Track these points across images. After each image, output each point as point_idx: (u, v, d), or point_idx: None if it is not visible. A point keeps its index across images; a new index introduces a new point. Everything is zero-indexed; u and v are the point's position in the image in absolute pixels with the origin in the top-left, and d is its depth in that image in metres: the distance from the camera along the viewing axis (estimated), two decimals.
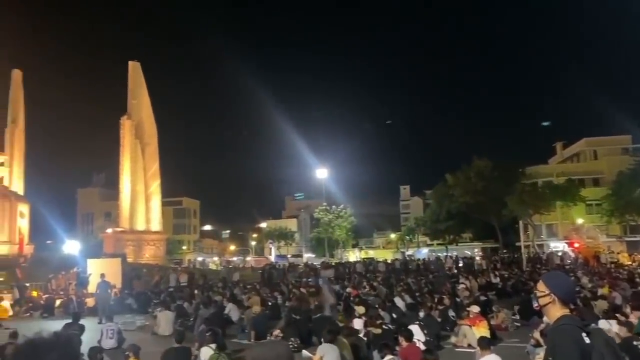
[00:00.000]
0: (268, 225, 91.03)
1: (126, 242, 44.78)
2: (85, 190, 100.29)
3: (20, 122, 49.03)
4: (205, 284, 27.51)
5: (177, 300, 19.12)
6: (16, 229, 41.60)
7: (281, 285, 25.76)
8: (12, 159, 46.21)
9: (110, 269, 27.01)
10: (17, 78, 49.04)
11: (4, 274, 29.26)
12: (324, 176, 64.02)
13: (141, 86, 49.01)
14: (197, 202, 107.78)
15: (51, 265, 33.63)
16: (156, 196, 48.78)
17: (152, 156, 48.76)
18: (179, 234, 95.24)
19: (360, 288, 21.85)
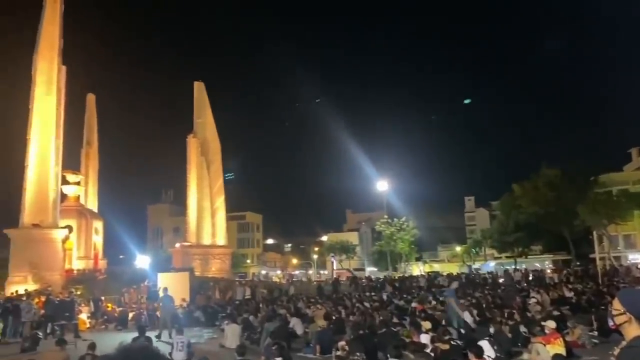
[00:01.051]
0: (329, 238, 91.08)
1: (193, 256, 46.13)
2: (154, 207, 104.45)
3: (94, 143, 51.90)
4: (270, 298, 27.80)
5: (243, 314, 19.41)
6: (91, 244, 43.78)
7: (344, 299, 25.62)
8: (87, 178, 48.89)
9: (178, 283, 27.93)
10: (91, 102, 52.04)
11: (81, 288, 30.78)
12: (385, 188, 63.46)
13: (205, 105, 50.78)
14: (260, 217, 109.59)
15: (124, 279, 35.13)
16: (221, 211, 50.10)
17: (216, 172, 50.25)
18: (243, 248, 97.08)
19: (426, 303, 21.36)
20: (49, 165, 33.42)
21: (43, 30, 34.66)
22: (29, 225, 32.29)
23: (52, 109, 34.01)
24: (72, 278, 35.08)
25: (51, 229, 32.77)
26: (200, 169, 49.13)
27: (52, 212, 33.13)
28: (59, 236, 33.12)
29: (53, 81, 34.35)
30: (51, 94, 34.15)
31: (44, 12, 34.97)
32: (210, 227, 49.02)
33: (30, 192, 32.74)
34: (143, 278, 32.64)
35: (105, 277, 38.54)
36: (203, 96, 51.09)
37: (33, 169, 33.05)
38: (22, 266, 31.04)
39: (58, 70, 34.78)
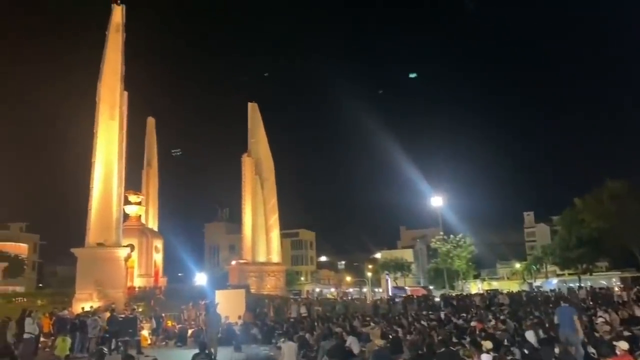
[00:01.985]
0: (383, 255, 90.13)
1: (249, 273, 46.83)
2: (211, 225, 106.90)
3: (154, 164, 53.90)
4: (325, 316, 27.72)
5: (299, 332, 19.44)
6: (152, 262, 45.19)
7: (401, 318, 25.21)
8: (147, 198, 50.73)
9: (235, 300, 28.40)
10: (151, 125, 54.21)
11: (143, 305, 31.78)
12: (439, 204, 62.34)
13: (259, 125, 51.94)
14: (313, 234, 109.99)
15: (183, 296, 35.97)
16: (275, 228, 50.76)
17: (270, 190, 51.07)
18: (297, 266, 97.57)
19: (486, 321, 20.70)
20: (112, 186, 34.90)
21: (106, 59, 36.53)
22: (94, 245, 33.69)
23: (115, 132, 35.63)
24: (134, 295, 36.28)
25: (114, 248, 34.05)
26: (255, 187, 50.08)
27: (115, 231, 34.47)
28: (122, 255, 34.37)
29: (116, 106, 36.03)
30: (114, 118, 35.81)
31: (107, 42, 36.92)
32: (265, 244, 49.69)
33: (95, 213, 34.23)
34: (201, 295, 33.32)
35: (165, 294, 39.64)
36: (256, 116, 52.29)
37: (97, 190, 34.58)
38: (88, 284, 32.36)
39: (120, 95, 36.46)
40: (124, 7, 37.88)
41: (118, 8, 37.77)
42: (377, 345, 15.12)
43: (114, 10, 37.71)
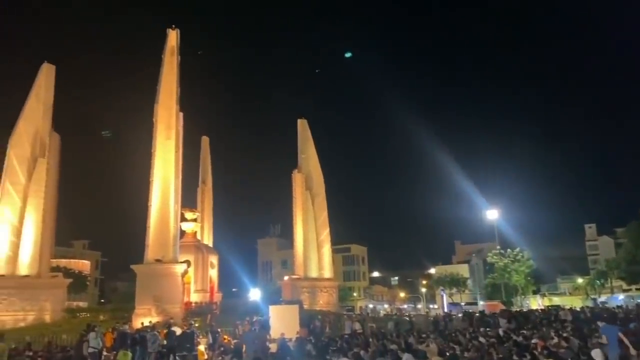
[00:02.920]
0: (437, 271, 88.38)
1: (301, 289, 46.91)
2: (264, 241, 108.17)
3: (209, 181, 55.29)
4: (379, 332, 27.34)
5: (354, 348, 19.23)
6: (208, 278, 46.08)
7: (458, 334, 24.53)
8: (203, 214, 51.99)
9: (288, 316, 28.49)
10: (205, 143, 55.74)
11: (199, 320, 32.39)
12: (495, 217, 60.64)
13: (309, 141, 52.40)
14: (365, 249, 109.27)
15: (238, 311, 36.45)
16: (327, 244, 50.75)
17: (321, 206, 51.21)
18: (349, 281, 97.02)
19: (548, 339, 19.85)
20: (169, 204, 35.99)
21: (162, 81, 37.98)
22: (152, 261, 34.76)
23: (171, 152, 36.84)
24: (190, 310, 37.09)
25: (172, 264, 35.01)
26: (306, 203, 50.37)
27: (172, 247, 35.46)
28: (179, 270, 35.27)
29: (172, 127, 37.31)
30: (170, 138, 37.07)
31: (163, 65, 38.43)
32: (317, 259, 49.73)
33: (153, 230, 35.36)
34: (256, 310, 33.65)
35: (220, 309, 40.29)
36: (306, 132, 52.80)
37: (155, 208, 35.76)
38: (147, 299, 33.38)
39: (176, 116, 37.74)
40: (179, 31, 39.42)
41: (173, 32, 39.33)
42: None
43: (169, 34, 39.30)
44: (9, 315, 34.54)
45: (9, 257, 36.09)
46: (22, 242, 36.58)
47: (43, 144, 38.58)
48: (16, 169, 37.15)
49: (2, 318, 34.19)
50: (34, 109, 38.74)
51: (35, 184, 37.45)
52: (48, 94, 39.71)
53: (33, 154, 38.03)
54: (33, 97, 38.90)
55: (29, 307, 35.47)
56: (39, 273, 36.94)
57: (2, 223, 36.31)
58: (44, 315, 35.60)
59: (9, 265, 35.98)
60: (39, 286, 36.61)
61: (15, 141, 37.50)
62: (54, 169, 39.65)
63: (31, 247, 36.75)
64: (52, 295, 37.13)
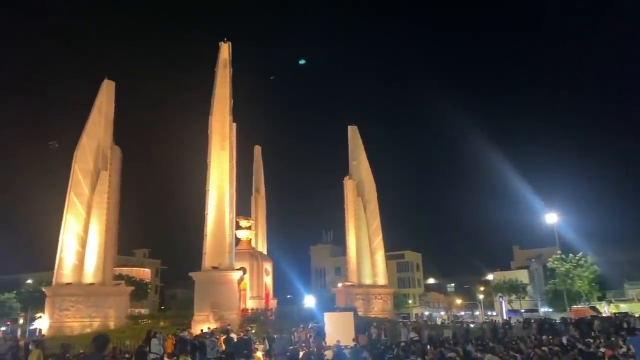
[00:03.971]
0: (495, 277, 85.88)
1: (355, 295, 46.75)
2: (316, 248, 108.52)
3: (262, 190, 56.17)
4: (437, 340, 26.87)
5: (410, 356, 18.99)
6: (263, 285, 46.69)
7: (518, 342, 23.77)
8: (257, 222, 52.82)
9: (343, 323, 28.42)
10: (258, 153, 56.68)
11: (255, 326, 32.82)
12: (555, 221, 58.41)
13: (360, 147, 52.33)
14: (419, 255, 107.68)
15: (293, 318, 36.67)
16: (380, 250, 50.39)
17: (373, 212, 50.96)
18: (403, 288, 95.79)
19: (616, 348, 18.93)
20: (224, 213, 36.79)
21: (216, 93, 38.99)
22: (210, 268, 35.58)
23: (225, 162, 37.71)
24: (247, 317, 37.65)
25: (228, 271, 35.72)
26: (358, 210, 50.26)
27: (228, 255, 36.20)
28: (235, 277, 35.93)
29: (226, 137, 38.20)
30: (225, 149, 37.95)
31: (216, 78, 39.44)
32: (370, 266, 49.45)
33: (210, 238, 36.22)
34: (311, 317, 33.75)
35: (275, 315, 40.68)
36: (357, 139, 52.77)
37: (211, 217, 36.63)
38: (205, 306, 34.17)
39: (229, 127, 38.63)
40: (230, 44, 40.35)
41: (225, 45, 40.33)
42: None
43: (222, 47, 40.31)
44: (77, 321, 36.25)
45: (75, 265, 37.88)
46: (87, 251, 38.31)
47: (105, 157, 40.36)
48: (80, 182, 39.02)
49: (71, 324, 35.93)
50: (96, 124, 40.62)
51: (98, 196, 39.20)
52: (109, 108, 41.59)
53: (96, 166, 39.85)
54: (95, 112, 40.81)
55: (95, 314, 37.09)
56: (103, 281, 38.58)
57: (68, 233, 38.17)
58: (109, 321, 37.08)
59: (75, 274, 37.76)
60: (103, 294, 38.23)
61: (79, 155, 39.41)
62: (115, 180, 41.36)
63: (95, 256, 38.43)
64: (116, 302, 38.66)
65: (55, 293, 37.37)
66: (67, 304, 36.77)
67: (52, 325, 36.05)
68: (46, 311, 38.10)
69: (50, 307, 37.17)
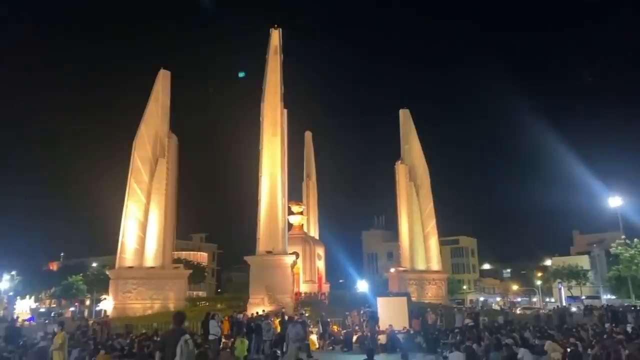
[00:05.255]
0: (554, 262, 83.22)
1: (409, 281, 46.48)
2: (368, 233, 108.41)
3: (313, 175, 56.50)
4: (493, 326, 26.39)
5: (466, 342, 18.76)
6: (315, 269, 47.23)
7: (579, 330, 23.03)
8: (308, 208, 53.27)
9: (397, 308, 28.36)
10: (309, 138, 56.94)
11: (309, 310, 33.27)
12: (618, 205, 55.76)
13: (412, 132, 51.57)
14: (475, 240, 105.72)
15: (346, 302, 36.92)
16: (433, 236, 49.75)
17: (426, 197, 50.26)
18: (458, 273, 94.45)
19: None
20: (277, 198, 37.28)
21: (267, 80, 39.31)
22: (264, 253, 36.28)
23: (277, 148, 38.12)
24: (300, 300, 38.21)
25: (282, 256, 36.29)
26: (410, 195, 49.71)
27: (281, 240, 36.75)
28: (289, 262, 36.47)
29: (277, 124, 38.55)
30: (276, 135, 38.33)
31: (267, 64, 39.74)
32: (423, 252, 48.94)
33: (263, 223, 36.86)
34: (363, 301, 33.86)
35: (328, 299, 41.10)
36: (409, 123, 52.01)
37: (264, 202, 37.21)
38: (259, 289, 34.91)
39: (281, 113, 38.94)
40: (281, 30, 40.48)
41: (275, 32, 40.48)
42: (553, 359, 14.03)
43: (272, 33, 40.50)
44: (139, 303, 37.89)
45: (136, 250, 39.50)
46: (147, 236, 39.84)
47: (162, 145, 41.64)
48: (140, 169, 40.47)
49: (133, 305, 37.61)
50: (153, 113, 41.90)
51: (157, 182, 40.58)
52: (165, 97, 42.77)
53: (154, 154, 41.19)
54: (152, 102, 42.08)
55: (155, 296, 38.63)
56: (163, 265, 40.06)
57: (130, 219, 39.78)
58: (169, 303, 38.53)
59: (136, 258, 39.39)
60: (163, 277, 39.72)
61: (138, 143, 40.85)
62: (173, 167, 42.65)
63: (155, 240, 39.92)
64: (175, 285, 40.10)
65: (118, 276, 39.16)
66: (129, 286, 38.47)
67: (116, 306, 37.88)
68: (110, 293, 40.05)
69: (113, 289, 39.03)
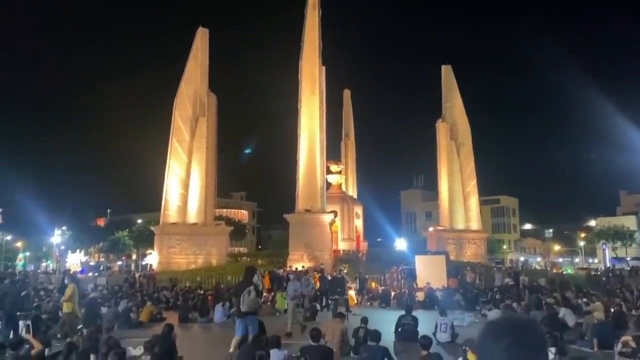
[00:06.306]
0: (598, 223, 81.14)
1: (447, 240, 46.27)
2: (407, 192, 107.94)
3: (352, 135, 56.18)
4: (533, 286, 26.19)
5: (506, 300, 18.71)
6: (353, 227, 47.57)
7: (624, 291, 22.59)
8: (347, 167, 53.27)
9: (435, 266, 28.40)
10: (347, 97, 56.33)
11: (347, 266, 33.74)
12: None
13: (453, 89, 50.14)
14: (516, 200, 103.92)
15: (383, 260, 37.20)
16: (473, 195, 49.04)
17: (467, 156, 49.28)
18: (498, 233, 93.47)
19: None
20: (315, 157, 37.37)
21: (306, 37, 38.76)
22: (302, 211, 36.70)
23: (316, 106, 37.90)
24: (338, 257, 38.74)
25: (320, 214, 36.66)
26: (450, 153, 48.84)
27: (319, 198, 37.03)
28: (327, 220, 36.83)
29: (316, 82, 38.20)
30: (315, 93, 38.05)
31: (305, 21, 39.09)
32: (463, 211, 48.42)
33: (302, 181, 37.15)
34: (401, 259, 34.03)
35: (367, 257, 41.54)
36: (451, 79, 50.55)
37: (303, 161, 37.39)
38: (299, 246, 35.53)
39: (319, 71, 38.51)
40: None
41: None
42: (596, 319, 13.84)
43: None
44: (182, 258, 39.22)
45: (179, 207, 40.58)
46: (190, 193, 40.80)
47: (202, 104, 42.03)
48: (181, 128, 41.11)
49: (177, 260, 38.97)
50: (193, 72, 42.13)
51: (197, 141, 41.20)
52: (204, 56, 42.86)
53: (194, 113, 41.67)
54: (191, 60, 42.26)
55: (198, 251, 39.86)
56: (205, 221, 41.12)
57: (172, 177, 40.75)
58: (211, 259, 39.73)
59: (179, 214, 40.52)
60: (205, 233, 40.81)
61: (179, 102, 41.34)
62: (212, 126, 43.14)
63: (197, 198, 40.87)
64: (217, 241, 41.18)
65: (163, 232, 40.46)
66: (173, 242, 39.77)
67: (161, 261, 39.34)
68: (155, 248, 41.53)
69: (158, 244, 40.43)
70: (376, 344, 9.59)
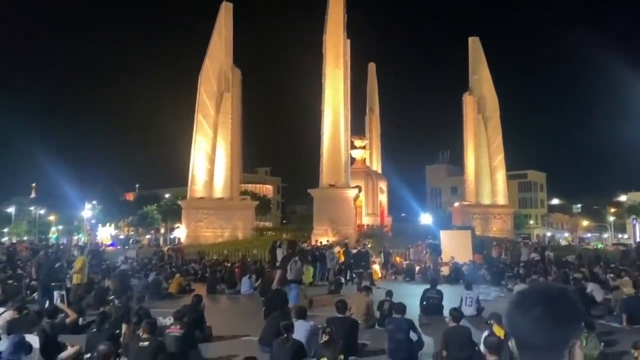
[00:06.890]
0: (629, 198, 79.45)
1: (473, 215, 45.89)
2: (432, 167, 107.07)
3: (376, 109, 55.70)
4: (560, 261, 25.90)
5: (532, 275, 18.57)
6: (377, 202, 47.53)
7: None
8: (371, 142, 52.97)
9: (460, 241, 28.22)
10: (372, 70, 55.70)
11: (371, 241, 33.82)
12: None
13: (481, 61, 49.01)
14: (544, 175, 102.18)
15: (408, 235, 37.18)
16: (500, 170, 48.34)
17: (494, 130, 48.41)
18: (525, 208, 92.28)
19: None
20: (340, 132, 37.25)
21: (330, 10, 38.25)
22: (327, 186, 36.79)
23: (340, 81, 37.60)
24: (363, 232, 38.86)
25: (344, 189, 36.71)
26: (477, 127, 48.04)
27: (344, 173, 37.04)
28: (351, 195, 36.88)
29: (340, 55, 37.81)
30: (339, 67, 37.71)
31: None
32: (489, 186, 47.84)
33: (326, 156, 37.14)
34: (426, 234, 33.95)
35: (391, 231, 41.59)
36: (478, 52, 49.39)
37: (327, 136, 37.31)
38: (323, 221, 35.74)
39: (344, 45, 38.06)
40: None
41: None
42: (626, 294, 13.65)
43: None
44: (209, 231, 39.86)
45: (205, 181, 41.08)
46: (215, 168, 41.20)
47: (227, 79, 42.08)
48: (206, 103, 41.32)
49: (204, 234, 39.63)
50: (217, 47, 42.09)
51: (222, 116, 41.41)
52: (228, 31, 42.74)
53: (219, 88, 41.78)
54: (215, 35, 42.19)
55: (225, 225, 40.44)
56: (231, 196, 41.59)
57: (198, 152, 41.15)
58: (237, 232, 40.29)
59: (206, 189, 41.04)
60: (231, 207, 41.33)
61: (203, 77, 41.47)
62: (237, 101, 43.24)
63: (223, 173, 41.28)
64: (243, 215, 41.70)
65: (190, 206, 41.10)
66: (200, 216, 40.38)
67: (188, 234, 40.06)
68: (183, 222, 42.28)
69: (186, 218, 41.11)
70: (401, 316, 9.66)
